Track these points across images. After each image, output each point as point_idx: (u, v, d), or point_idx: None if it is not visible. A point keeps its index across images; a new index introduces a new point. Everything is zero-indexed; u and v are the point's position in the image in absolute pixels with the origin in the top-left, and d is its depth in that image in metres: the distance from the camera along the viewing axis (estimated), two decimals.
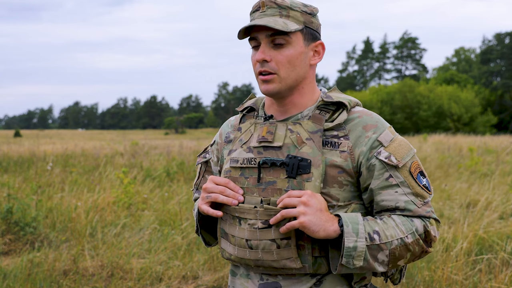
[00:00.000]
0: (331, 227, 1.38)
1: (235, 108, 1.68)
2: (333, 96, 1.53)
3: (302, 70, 1.50)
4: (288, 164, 1.44)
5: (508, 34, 59.03)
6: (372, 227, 1.40)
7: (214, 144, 1.72)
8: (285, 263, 1.43)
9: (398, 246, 1.40)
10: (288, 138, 1.48)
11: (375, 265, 1.40)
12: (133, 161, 12.70)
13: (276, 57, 1.47)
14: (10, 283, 4.21)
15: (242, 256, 1.48)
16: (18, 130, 52.18)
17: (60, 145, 21.21)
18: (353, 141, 1.47)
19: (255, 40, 1.50)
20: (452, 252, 4.53)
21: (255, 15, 1.50)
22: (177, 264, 4.69)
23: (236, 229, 1.49)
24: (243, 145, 1.56)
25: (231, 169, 1.54)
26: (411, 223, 1.43)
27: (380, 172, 1.45)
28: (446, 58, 73.97)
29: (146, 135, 54.28)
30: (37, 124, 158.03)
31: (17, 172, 10.34)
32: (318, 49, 1.54)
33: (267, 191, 1.46)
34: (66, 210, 6.30)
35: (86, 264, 4.67)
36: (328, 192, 1.44)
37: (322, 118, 1.49)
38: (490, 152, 15.31)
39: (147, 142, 26.12)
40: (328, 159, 1.45)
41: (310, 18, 1.51)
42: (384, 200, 1.45)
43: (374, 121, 1.49)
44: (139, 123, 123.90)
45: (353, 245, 1.36)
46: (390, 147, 1.46)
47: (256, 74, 1.52)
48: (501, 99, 53.84)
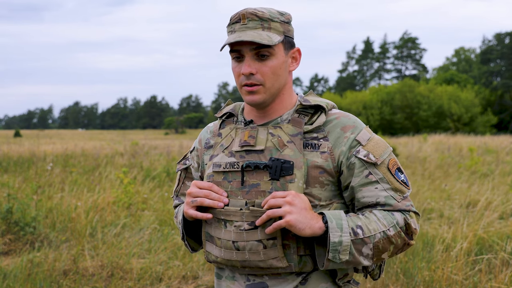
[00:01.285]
0: (316, 224, 1.42)
1: (214, 115, 1.71)
2: (310, 99, 1.58)
3: (284, 78, 1.55)
4: (271, 167, 1.48)
5: (508, 34, 59.01)
6: (355, 222, 1.45)
7: (193, 151, 1.75)
8: (272, 262, 1.47)
9: (381, 239, 1.45)
10: (269, 141, 1.53)
11: (360, 259, 1.45)
12: (133, 161, 12.70)
13: (261, 69, 1.51)
14: (10, 283, 4.21)
15: (229, 258, 1.51)
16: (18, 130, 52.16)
17: (60, 145, 21.21)
18: (332, 142, 1.52)
19: (238, 52, 1.52)
20: (452, 252, 4.53)
21: (235, 26, 1.52)
22: (177, 264, 4.69)
23: (222, 231, 1.52)
24: (224, 150, 1.59)
25: (214, 174, 1.58)
26: (392, 216, 1.48)
27: (360, 170, 1.50)
28: (446, 58, 73.98)
29: (146, 135, 54.28)
30: (37, 124, 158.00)
31: (17, 172, 10.34)
32: (295, 56, 1.59)
33: (251, 193, 1.50)
34: (66, 210, 6.30)
35: (86, 264, 4.67)
36: (310, 192, 1.49)
37: (301, 121, 1.53)
38: (490, 152, 15.31)
39: (147, 142, 26.12)
40: (309, 160, 1.50)
41: (287, 27, 1.55)
42: (365, 196, 1.50)
43: (352, 122, 1.55)
44: (139, 123, 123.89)
45: (338, 240, 1.41)
46: (368, 145, 1.52)
47: (239, 86, 1.55)
48: (501, 99, 53.83)
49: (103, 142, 27.05)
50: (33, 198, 6.32)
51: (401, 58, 74.87)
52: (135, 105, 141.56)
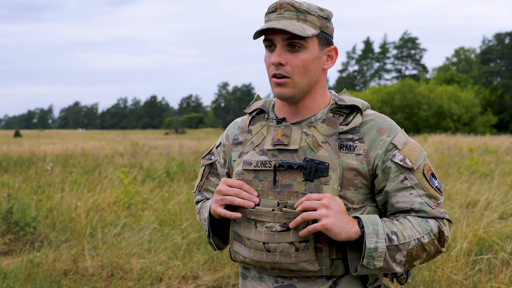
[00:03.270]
0: (352, 228, 1.39)
1: (243, 110, 1.66)
2: (345, 99, 1.53)
3: (315, 74, 1.50)
4: (306, 167, 1.44)
5: (508, 34, 59.01)
6: (390, 228, 1.42)
7: (220, 146, 1.70)
8: (303, 265, 1.43)
9: (415, 246, 1.43)
10: (303, 141, 1.48)
11: (393, 266, 1.42)
12: (133, 161, 12.70)
13: (292, 61, 1.46)
14: (10, 283, 4.21)
15: (259, 259, 1.47)
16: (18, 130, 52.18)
17: (60, 145, 21.21)
18: (368, 144, 1.48)
19: (270, 41, 1.49)
20: (452, 252, 4.53)
21: (271, 16, 1.49)
22: (177, 264, 4.69)
23: (252, 232, 1.48)
24: (255, 148, 1.54)
25: (243, 172, 1.53)
26: (427, 223, 1.46)
27: (396, 174, 1.47)
28: (446, 58, 74.00)
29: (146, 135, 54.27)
30: (37, 124, 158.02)
31: (17, 172, 10.34)
32: (331, 54, 1.54)
33: (283, 194, 1.46)
34: (66, 210, 6.30)
35: (86, 264, 4.67)
36: (344, 195, 1.45)
37: (336, 121, 1.49)
38: (490, 152, 15.31)
39: (147, 142, 26.12)
40: (344, 162, 1.45)
41: (325, 23, 1.51)
42: (399, 202, 1.47)
43: (388, 124, 1.51)
44: (139, 123, 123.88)
45: (374, 246, 1.38)
46: (404, 149, 1.48)
47: (269, 76, 1.51)
48: (501, 99, 53.84)
49: (103, 142, 27.05)
50: (33, 198, 6.32)
51: (401, 58, 74.87)
52: (135, 105, 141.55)
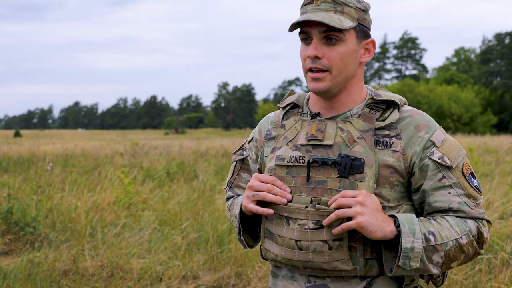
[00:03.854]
0: (387, 227, 1.34)
1: (277, 105, 1.62)
2: (382, 94, 1.49)
3: (352, 68, 1.46)
4: (341, 163, 1.40)
5: (508, 34, 59.04)
6: (427, 228, 1.37)
7: (252, 141, 1.66)
8: (336, 265, 1.39)
9: (453, 247, 1.38)
10: (338, 136, 1.44)
11: (430, 267, 1.37)
12: (133, 161, 12.70)
13: (328, 54, 1.42)
14: (10, 283, 4.21)
15: (290, 257, 1.43)
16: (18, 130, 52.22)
17: (60, 145, 21.21)
18: (405, 141, 1.43)
19: (306, 34, 1.45)
20: None
21: (307, 8, 1.45)
22: (177, 264, 4.69)
23: (284, 229, 1.44)
24: (288, 143, 1.50)
25: (276, 167, 1.49)
26: (465, 224, 1.41)
27: (434, 172, 1.42)
28: (446, 58, 74.02)
29: (146, 135, 54.26)
30: (37, 124, 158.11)
31: (17, 172, 10.34)
32: (369, 47, 1.50)
33: (316, 190, 1.42)
34: (66, 210, 6.30)
35: (86, 264, 4.67)
36: (379, 193, 1.41)
37: (373, 117, 1.44)
38: (490, 152, 15.31)
39: (147, 142, 26.12)
40: (380, 159, 1.41)
41: (363, 15, 1.46)
42: (437, 201, 1.42)
43: (426, 121, 1.46)
44: (139, 123, 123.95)
45: (411, 246, 1.33)
46: (442, 147, 1.43)
47: (305, 70, 1.47)
48: (501, 99, 53.86)
49: (103, 142, 27.05)
50: (33, 198, 6.32)
51: (401, 58, 74.88)
52: (135, 105, 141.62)
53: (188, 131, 76.44)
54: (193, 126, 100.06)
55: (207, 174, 9.96)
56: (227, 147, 18.79)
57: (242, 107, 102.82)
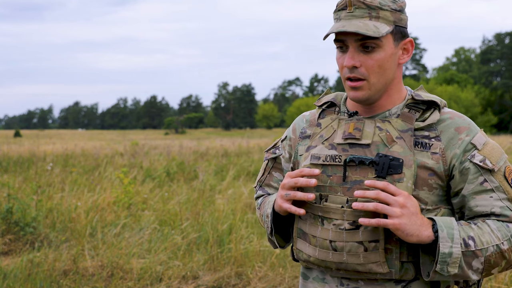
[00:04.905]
0: (425, 232, 1.30)
1: (313, 103, 1.59)
2: (422, 95, 1.45)
3: (391, 72, 1.42)
4: (378, 163, 1.36)
5: (508, 34, 59.05)
6: (467, 233, 1.32)
7: (285, 140, 1.63)
8: (371, 267, 1.35)
9: (494, 253, 1.32)
10: (377, 136, 1.40)
11: (469, 273, 1.32)
12: (133, 161, 12.70)
13: (366, 62, 1.38)
14: (10, 283, 4.21)
15: (324, 258, 1.40)
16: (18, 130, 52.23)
17: (60, 145, 21.21)
18: (445, 143, 1.39)
19: (342, 42, 1.41)
20: None
21: (341, 14, 1.40)
22: (177, 264, 4.69)
23: (318, 229, 1.41)
24: (324, 142, 1.47)
25: (311, 166, 1.45)
26: (507, 229, 1.35)
27: (475, 176, 1.37)
28: (446, 58, 74.04)
29: (146, 135, 54.28)
30: (37, 124, 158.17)
31: (17, 172, 10.34)
32: (407, 47, 1.45)
33: (353, 190, 1.37)
34: (66, 210, 6.30)
35: (86, 264, 4.67)
36: (417, 195, 1.36)
37: (412, 117, 1.40)
38: None
39: (147, 142, 26.13)
40: (418, 160, 1.37)
41: (399, 15, 1.40)
42: (478, 205, 1.38)
43: (467, 123, 1.42)
44: (139, 123, 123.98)
45: (448, 251, 1.29)
46: (484, 150, 1.39)
47: (343, 79, 1.44)
48: (501, 99, 53.87)
49: (103, 142, 27.06)
50: (33, 198, 6.32)
51: None
52: (135, 105, 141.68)
53: (188, 131, 76.45)
54: (193, 126, 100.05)
55: (207, 174, 9.96)
56: (227, 147, 18.80)
57: (242, 107, 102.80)
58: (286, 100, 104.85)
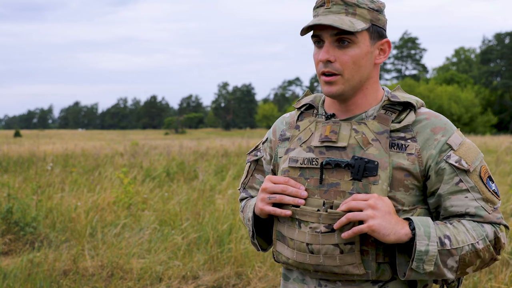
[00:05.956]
0: (401, 230, 1.32)
1: (292, 105, 1.61)
2: (398, 95, 1.46)
3: (366, 70, 1.43)
4: (354, 166, 1.37)
5: (508, 34, 59.07)
6: (443, 232, 1.34)
7: (266, 142, 1.65)
8: (348, 269, 1.37)
9: (469, 252, 1.35)
10: (353, 138, 1.42)
11: (444, 271, 1.34)
12: (133, 161, 12.70)
13: (341, 57, 1.40)
14: (10, 283, 4.22)
15: (302, 260, 1.42)
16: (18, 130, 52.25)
17: (60, 145, 21.22)
18: (421, 143, 1.40)
19: (318, 37, 1.42)
20: None
21: (319, 11, 1.43)
22: (177, 264, 4.69)
23: (296, 232, 1.42)
24: (302, 144, 1.48)
25: (289, 169, 1.47)
26: (482, 229, 1.38)
27: (450, 176, 1.39)
28: (446, 58, 74.05)
29: (146, 135, 54.30)
30: (37, 124, 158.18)
31: (17, 172, 10.34)
32: (384, 48, 1.46)
33: (329, 193, 1.39)
34: (66, 210, 6.30)
35: (86, 264, 4.67)
36: (393, 196, 1.38)
37: (388, 119, 1.42)
38: (490, 152, 15.31)
39: (147, 142, 26.13)
40: (394, 162, 1.38)
41: (377, 15, 1.43)
42: (453, 205, 1.39)
43: (443, 124, 1.43)
44: (139, 123, 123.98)
45: (425, 249, 1.31)
46: (460, 150, 1.40)
47: (318, 74, 1.45)
48: (501, 99, 53.89)
49: (103, 142, 27.07)
50: (33, 198, 6.33)
51: (401, 58, 74.89)
52: (135, 105, 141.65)
53: (188, 131, 76.46)
54: (193, 126, 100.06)
55: (207, 174, 9.96)
56: (227, 147, 18.80)
57: (242, 107, 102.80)
58: (286, 100, 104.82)
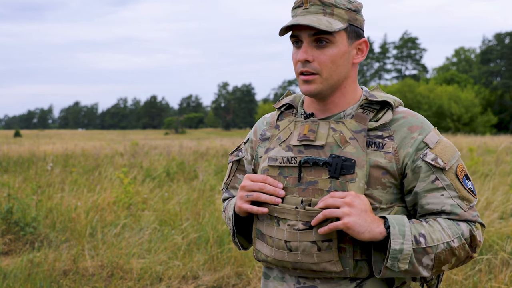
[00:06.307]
0: (376, 228, 1.33)
1: (272, 105, 1.62)
2: (376, 95, 1.48)
3: (344, 69, 1.45)
4: (331, 164, 1.39)
5: (508, 34, 59.04)
6: (418, 230, 1.36)
7: (247, 142, 1.67)
8: (326, 266, 1.38)
9: (444, 250, 1.37)
10: (330, 137, 1.44)
11: (419, 269, 1.36)
12: (133, 161, 12.70)
13: (319, 57, 1.42)
14: (10, 283, 4.21)
15: (280, 258, 1.43)
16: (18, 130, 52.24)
17: (60, 145, 21.20)
18: (398, 142, 1.42)
19: (297, 37, 1.44)
20: None
21: (297, 11, 1.44)
22: (177, 264, 4.69)
23: (274, 230, 1.43)
24: (281, 144, 1.50)
25: (269, 168, 1.49)
26: (457, 227, 1.39)
27: (426, 174, 1.41)
28: (446, 58, 74.03)
29: (146, 135, 54.31)
30: (37, 124, 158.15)
31: (17, 172, 10.34)
32: (361, 47, 1.48)
33: (307, 191, 1.41)
34: (66, 210, 6.30)
35: (86, 264, 4.67)
36: (371, 194, 1.40)
37: (366, 118, 1.44)
38: (490, 152, 15.31)
39: (147, 142, 26.12)
40: (372, 160, 1.40)
41: (354, 15, 1.45)
42: (429, 203, 1.41)
43: (420, 122, 1.45)
44: (139, 123, 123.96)
45: (399, 248, 1.32)
46: (436, 149, 1.42)
47: (296, 74, 1.47)
48: (501, 99, 53.87)
49: (103, 142, 27.06)
50: (33, 198, 6.32)
51: (401, 58, 74.88)
52: (135, 105, 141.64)
53: (188, 131, 76.45)
54: (193, 126, 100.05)
55: (207, 174, 9.95)
56: (227, 147, 18.79)
57: (242, 107, 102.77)
58: None
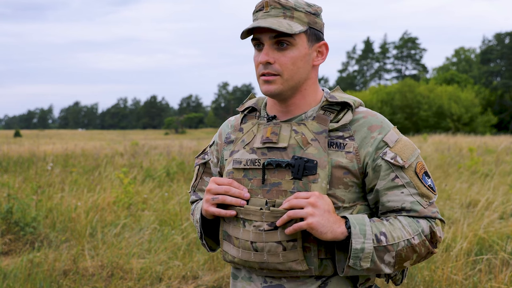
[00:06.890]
0: (338, 228, 1.36)
1: (236, 108, 1.65)
2: (337, 96, 1.51)
3: (305, 71, 1.48)
4: (294, 165, 1.42)
5: (508, 34, 59.02)
6: (379, 229, 1.39)
7: (213, 145, 1.69)
8: (291, 265, 1.41)
9: (405, 247, 1.40)
10: (293, 139, 1.46)
11: (381, 267, 1.40)
12: (133, 161, 12.70)
13: (280, 59, 1.45)
14: (10, 283, 4.21)
15: (247, 258, 1.46)
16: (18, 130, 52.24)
17: (60, 145, 21.20)
18: (358, 141, 1.45)
19: (258, 40, 1.47)
20: (452, 252, 4.53)
21: (258, 14, 1.48)
22: (177, 264, 4.69)
23: (240, 231, 1.46)
24: (245, 146, 1.53)
25: (233, 171, 1.52)
26: (417, 224, 1.43)
27: (386, 172, 1.44)
28: (446, 58, 74.00)
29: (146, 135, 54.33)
30: (37, 124, 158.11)
31: (17, 172, 10.34)
32: (321, 50, 1.52)
33: (271, 192, 1.44)
34: (66, 210, 6.30)
35: (86, 264, 4.67)
36: (333, 194, 1.43)
37: (327, 119, 1.47)
38: (490, 152, 15.31)
39: (147, 142, 26.12)
40: (333, 160, 1.43)
41: (314, 18, 1.48)
42: (390, 201, 1.45)
43: (379, 122, 1.48)
44: (139, 123, 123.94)
45: (361, 247, 1.36)
46: (395, 147, 1.46)
47: (257, 75, 1.50)
48: (501, 99, 53.85)
49: (103, 142, 27.06)
50: (33, 198, 6.32)
51: (401, 58, 74.86)
52: (135, 105, 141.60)
53: (188, 131, 76.45)
54: (193, 126, 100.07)
55: None
56: None
57: None
58: None
